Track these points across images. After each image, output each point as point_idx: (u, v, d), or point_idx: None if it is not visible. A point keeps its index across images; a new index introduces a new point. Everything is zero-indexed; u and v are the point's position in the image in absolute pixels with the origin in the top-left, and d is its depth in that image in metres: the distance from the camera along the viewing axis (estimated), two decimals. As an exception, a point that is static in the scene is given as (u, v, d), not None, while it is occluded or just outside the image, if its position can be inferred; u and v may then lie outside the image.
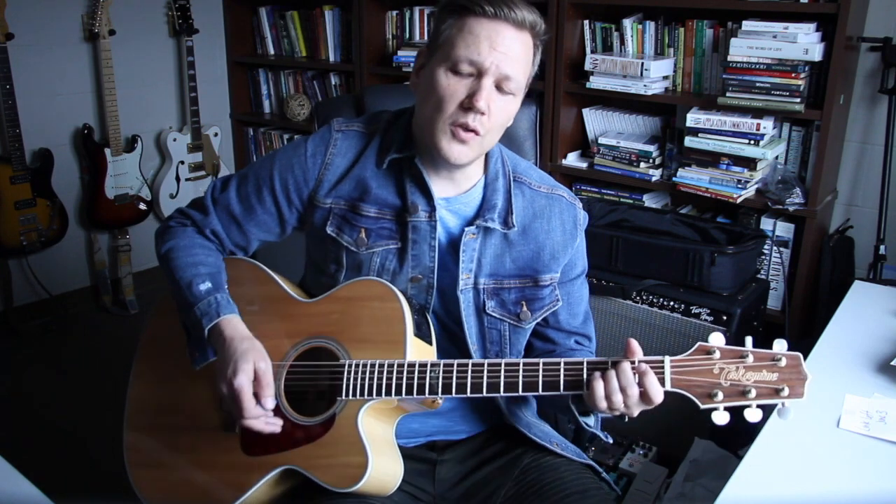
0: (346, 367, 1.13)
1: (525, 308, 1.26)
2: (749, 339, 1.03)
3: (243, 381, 1.10)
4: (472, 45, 1.11)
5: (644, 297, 2.28)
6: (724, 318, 2.16)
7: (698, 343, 1.04)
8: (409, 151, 1.22)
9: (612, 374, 1.05)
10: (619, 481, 2.20)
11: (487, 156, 1.26)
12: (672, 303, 2.23)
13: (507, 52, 1.12)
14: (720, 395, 1.00)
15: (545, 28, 1.17)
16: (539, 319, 1.29)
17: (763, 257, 2.47)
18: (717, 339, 1.03)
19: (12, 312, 3.18)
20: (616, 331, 2.32)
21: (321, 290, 1.23)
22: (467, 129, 1.13)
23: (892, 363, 1.41)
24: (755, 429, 1.21)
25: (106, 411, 2.62)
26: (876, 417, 1.26)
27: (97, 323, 3.34)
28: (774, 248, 2.52)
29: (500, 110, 1.15)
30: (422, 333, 1.18)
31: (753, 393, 0.99)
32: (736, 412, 1.01)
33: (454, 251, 1.23)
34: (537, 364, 1.08)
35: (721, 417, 1.01)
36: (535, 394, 1.08)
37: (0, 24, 2.78)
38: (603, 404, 1.07)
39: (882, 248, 2.49)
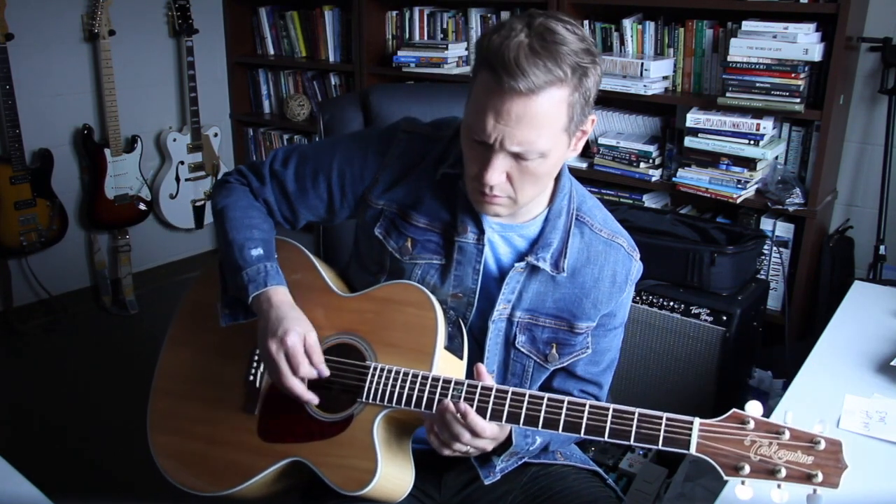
0: (371, 370, 1.12)
1: (554, 350, 1.22)
2: (790, 414, 0.94)
3: (295, 340, 1.11)
4: (479, 114, 1.02)
5: (644, 297, 2.28)
6: (724, 318, 2.16)
7: (733, 409, 0.96)
8: (461, 168, 1.15)
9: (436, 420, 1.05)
10: (619, 481, 2.20)
11: (556, 189, 1.19)
12: (672, 303, 2.23)
13: (516, 124, 1.00)
14: (747, 469, 0.91)
15: (580, 65, 1.00)
16: (565, 364, 1.24)
17: (763, 257, 2.47)
18: (754, 408, 0.94)
19: (12, 312, 3.17)
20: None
21: (362, 287, 1.22)
22: (492, 194, 1.07)
23: (892, 363, 1.41)
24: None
25: (106, 411, 2.63)
26: (876, 417, 1.26)
27: (97, 323, 3.33)
28: (774, 248, 2.52)
29: (525, 176, 1.06)
30: (454, 346, 1.15)
31: (783, 473, 0.90)
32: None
33: (499, 278, 1.19)
34: (562, 402, 1.01)
35: (744, 493, 0.91)
36: (553, 432, 1.02)
37: (0, 25, 2.78)
38: (444, 452, 1.07)
39: (882, 248, 2.49)
